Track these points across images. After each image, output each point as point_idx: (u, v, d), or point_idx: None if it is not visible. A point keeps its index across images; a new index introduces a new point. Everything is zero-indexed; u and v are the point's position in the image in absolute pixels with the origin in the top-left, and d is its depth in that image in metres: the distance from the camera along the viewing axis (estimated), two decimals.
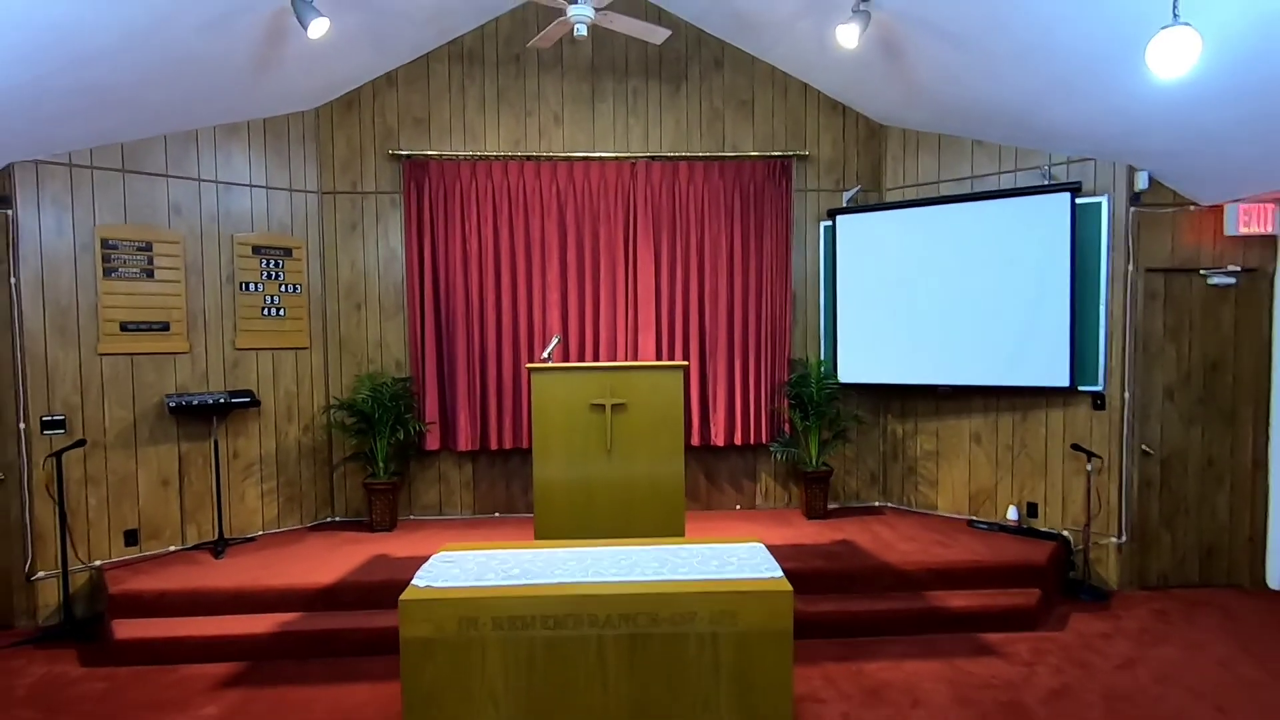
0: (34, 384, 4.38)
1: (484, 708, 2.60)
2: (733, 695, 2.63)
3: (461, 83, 5.53)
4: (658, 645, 2.63)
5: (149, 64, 4.01)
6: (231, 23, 4.04)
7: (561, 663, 2.61)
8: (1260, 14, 3.05)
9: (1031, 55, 4.05)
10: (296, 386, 5.41)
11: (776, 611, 2.65)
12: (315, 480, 5.52)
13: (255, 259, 5.18)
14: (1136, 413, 4.81)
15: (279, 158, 5.30)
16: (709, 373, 5.62)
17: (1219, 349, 4.85)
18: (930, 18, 4.15)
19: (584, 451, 4.00)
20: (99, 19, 3.48)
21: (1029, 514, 5.18)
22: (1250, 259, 4.77)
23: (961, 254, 5.18)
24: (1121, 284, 4.76)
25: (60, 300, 4.46)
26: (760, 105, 5.68)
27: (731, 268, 5.62)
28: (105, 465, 4.63)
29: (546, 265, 5.53)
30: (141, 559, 4.70)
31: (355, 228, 5.55)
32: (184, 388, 4.91)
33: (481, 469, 5.68)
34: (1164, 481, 4.87)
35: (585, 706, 2.62)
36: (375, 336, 5.60)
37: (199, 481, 4.99)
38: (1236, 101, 3.67)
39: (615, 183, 5.55)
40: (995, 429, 5.32)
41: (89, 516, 4.57)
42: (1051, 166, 4.98)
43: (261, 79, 4.74)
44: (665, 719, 2.63)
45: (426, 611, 2.60)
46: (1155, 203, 4.74)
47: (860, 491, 5.89)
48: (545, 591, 2.65)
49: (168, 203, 4.85)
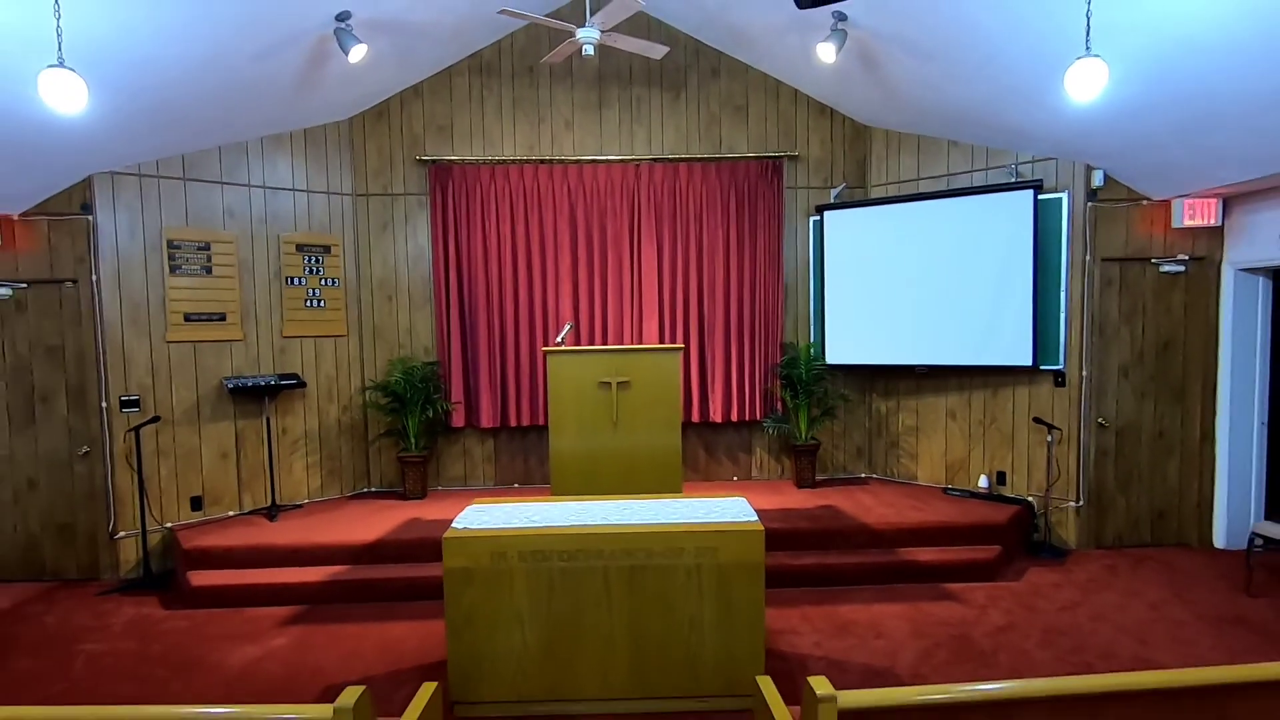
0: (112, 368, 5.01)
1: (512, 625, 3.19)
2: (714, 615, 3.20)
3: (480, 93, 6.08)
4: (653, 575, 3.20)
5: (210, 87, 4.60)
6: (281, 50, 4.61)
7: (574, 588, 3.19)
8: (1166, 37, 3.54)
9: (991, 65, 4.53)
10: (336, 370, 6.02)
11: (751, 547, 3.21)
12: (353, 454, 6.14)
13: (298, 256, 5.78)
14: (1094, 389, 5.31)
15: (318, 164, 5.88)
16: (707, 355, 6.17)
17: (1169, 331, 5.32)
18: (900, 34, 4.65)
19: (593, 424, 4.58)
20: (173, 53, 4.07)
21: (998, 482, 5.70)
22: (1198, 248, 5.23)
23: (938, 246, 5.68)
24: (1080, 272, 5.24)
25: (134, 294, 5.09)
26: (754, 110, 6.19)
27: (728, 260, 6.15)
28: (174, 440, 5.26)
29: (559, 259, 6.09)
30: (206, 522, 5.34)
31: (386, 227, 6.13)
32: (239, 371, 5.53)
33: (502, 444, 6.28)
34: (1119, 451, 5.37)
35: (594, 624, 3.20)
36: (405, 324, 6.19)
37: (253, 454, 5.62)
38: (1164, 111, 4.15)
39: (621, 183, 6.09)
40: (968, 405, 5.84)
41: (160, 484, 5.21)
42: (1018, 165, 5.46)
43: (303, 95, 5.32)
44: (659, 634, 3.21)
45: (464, 547, 3.18)
46: (1110, 198, 5.21)
47: (847, 464, 6.43)
48: (561, 531, 3.23)
49: (222, 206, 5.45)
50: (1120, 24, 3.60)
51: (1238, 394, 5.24)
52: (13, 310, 4.98)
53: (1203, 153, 4.46)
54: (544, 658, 3.20)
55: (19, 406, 5.03)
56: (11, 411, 5.03)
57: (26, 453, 5.05)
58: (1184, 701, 1.95)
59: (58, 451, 5.06)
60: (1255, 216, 4.98)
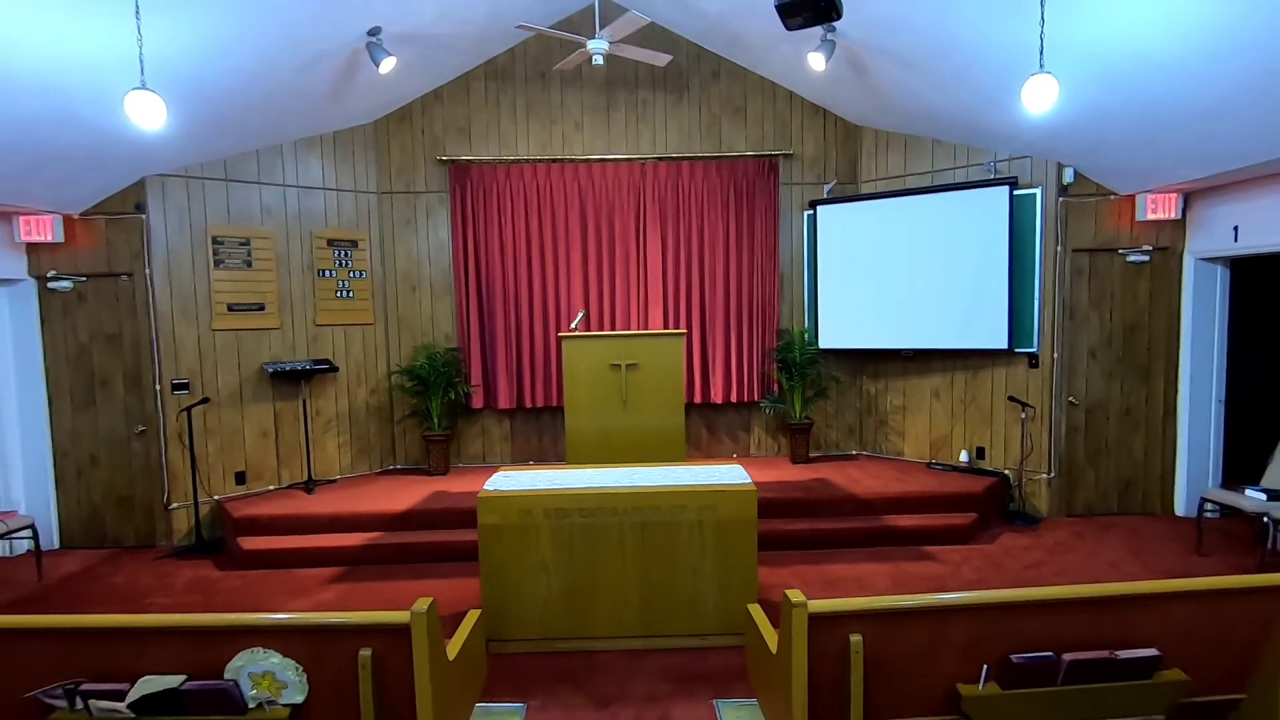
0: (164, 354, 5.49)
1: (538, 573, 3.67)
2: (713, 564, 3.68)
3: (496, 97, 6.51)
4: (660, 530, 3.68)
5: (254, 97, 5.05)
6: (319, 63, 5.05)
7: (592, 542, 3.67)
8: (1118, 52, 3.97)
9: (966, 74, 4.95)
10: (364, 356, 6.49)
11: (745, 505, 3.68)
12: (380, 434, 6.62)
13: (329, 250, 6.24)
14: (1065, 370, 5.75)
15: (346, 165, 6.33)
16: (708, 340, 6.63)
17: (1135, 315, 5.76)
18: (884, 46, 5.07)
19: (605, 402, 5.04)
20: (225, 67, 4.52)
21: (978, 456, 6.16)
22: (1162, 239, 5.66)
23: (923, 238, 6.11)
24: (1052, 262, 5.68)
25: (182, 286, 5.55)
26: (752, 111, 6.61)
27: (727, 252, 6.59)
28: (219, 419, 5.75)
29: (570, 251, 6.54)
30: (249, 495, 5.83)
31: (409, 222, 6.59)
32: (277, 357, 6.01)
33: (518, 424, 6.76)
34: (1088, 427, 5.82)
35: (609, 572, 3.68)
36: (428, 313, 6.66)
37: (290, 433, 6.10)
38: (1122, 115, 4.58)
39: (627, 181, 6.53)
40: (951, 385, 6.29)
41: (208, 460, 5.70)
42: (996, 163, 5.89)
43: (334, 102, 5.76)
44: (666, 581, 3.69)
45: (496, 506, 3.66)
46: (1080, 193, 5.64)
47: (839, 442, 6.89)
48: (580, 492, 3.70)
49: (260, 205, 5.91)
50: (1076, 40, 4.02)
51: (1197, 374, 5.69)
52: (74, 301, 5.45)
53: (1161, 153, 4.89)
54: (565, 601, 3.69)
55: (81, 389, 5.51)
56: (74, 394, 5.51)
57: (88, 431, 5.54)
58: (1091, 609, 2.42)
59: (116, 430, 5.55)
60: (1213, 211, 5.40)
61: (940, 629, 2.39)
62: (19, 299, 5.38)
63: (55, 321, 5.46)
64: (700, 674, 3.49)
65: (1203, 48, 3.72)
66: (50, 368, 5.48)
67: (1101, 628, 2.45)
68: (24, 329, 5.41)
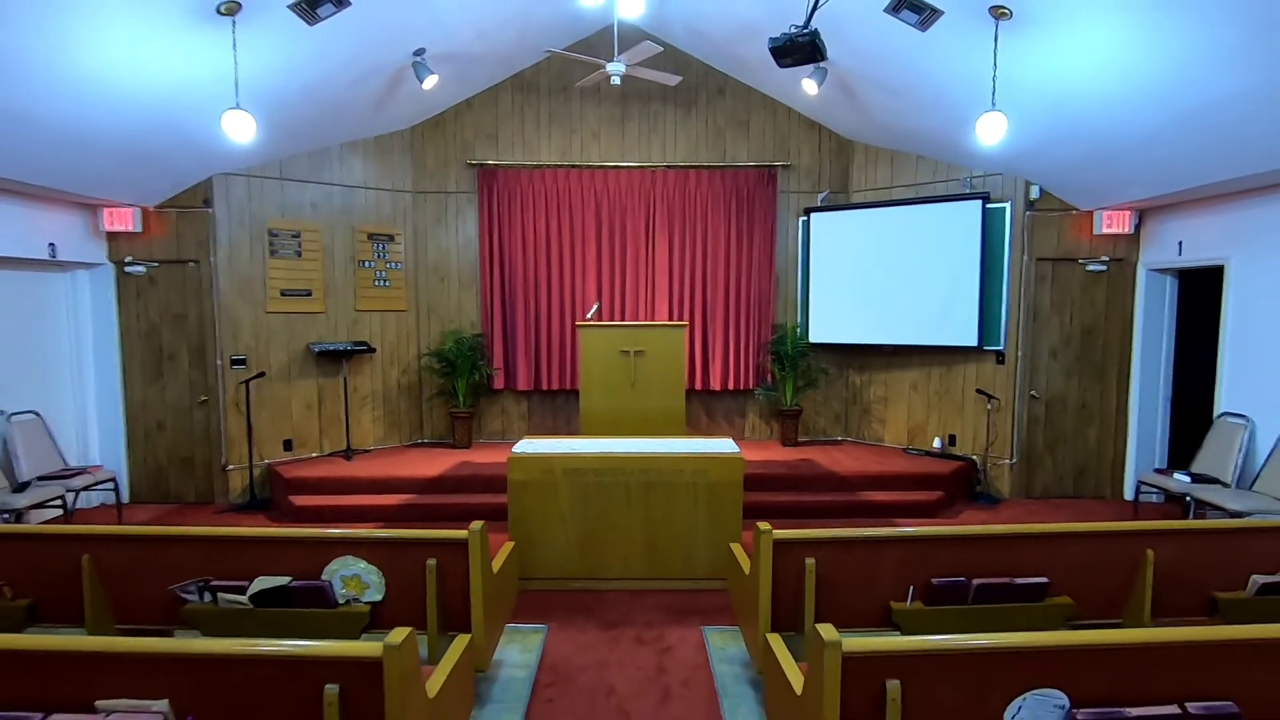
0: (225, 333, 6.19)
1: (557, 523, 4.36)
2: (705, 520, 4.35)
3: (522, 108, 7.18)
4: (660, 489, 4.35)
5: (312, 107, 5.73)
6: (369, 78, 5.73)
7: (603, 496, 4.35)
8: (1065, 90, 4.62)
9: (941, 102, 5.59)
10: (397, 339, 7.18)
11: (733, 470, 4.36)
12: (410, 410, 7.32)
13: (369, 243, 6.93)
14: (1028, 366, 6.40)
15: (385, 166, 7.01)
16: (709, 333, 7.30)
17: (1093, 319, 6.40)
18: (869, 74, 5.72)
19: (615, 385, 5.72)
20: (294, 84, 5.19)
21: (950, 443, 6.82)
22: (1118, 251, 6.30)
23: (905, 244, 6.76)
24: (1019, 269, 6.32)
25: (242, 273, 6.25)
26: (754, 124, 7.26)
27: (728, 253, 7.26)
28: (271, 392, 6.45)
29: (585, 248, 7.21)
30: (295, 460, 6.54)
31: (440, 219, 7.27)
32: (321, 338, 6.70)
33: (535, 404, 7.45)
34: (1047, 419, 6.48)
35: (617, 523, 4.36)
36: (455, 302, 7.34)
37: (331, 407, 6.80)
38: (1074, 143, 5.23)
39: (639, 186, 7.19)
40: (928, 379, 6.95)
41: (260, 428, 6.40)
42: (971, 179, 6.53)
43: (378, 110, 6.43)
44: (666, 531, 4.37)
45: (523, 464, 4.34)
46: (1045, 208, 6.28)
47: (826, 428, 7.56)
48: (594, 455, 4.38)
49: (309, 201, 6.59)
50: (1030, 78, 4.66)
51: (1147, 373, 6.33)
52: (147, 284, 6.15)
53: (1110, 176, 5.53)
54: (580, 547, 4.38)
55: (150, 363, 6.22)
56: (144, 367, 6.22)
57: (156, 400, 6.25)
58: (1026, 542, 3.08)
59: (181, 399, 6.26)
60: (1163, 227, 6.04)
61: (877, 557, 3.07)
62: (99, 281, 6.08)
63: (130, 302, 6.16)
64: (692, 609, 4.17)
65: (1138, 88, 4.35)
66: (125, 343, 6.18)
67: (1004, 560, 3.12)
68: (102, 308, 6.11)
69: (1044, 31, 4.22)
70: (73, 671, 2.03)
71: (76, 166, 5.02)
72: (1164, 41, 3.87)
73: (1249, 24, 3.47)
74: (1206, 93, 4.08)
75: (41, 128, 4.34)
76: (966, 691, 2.04)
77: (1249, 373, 5.24)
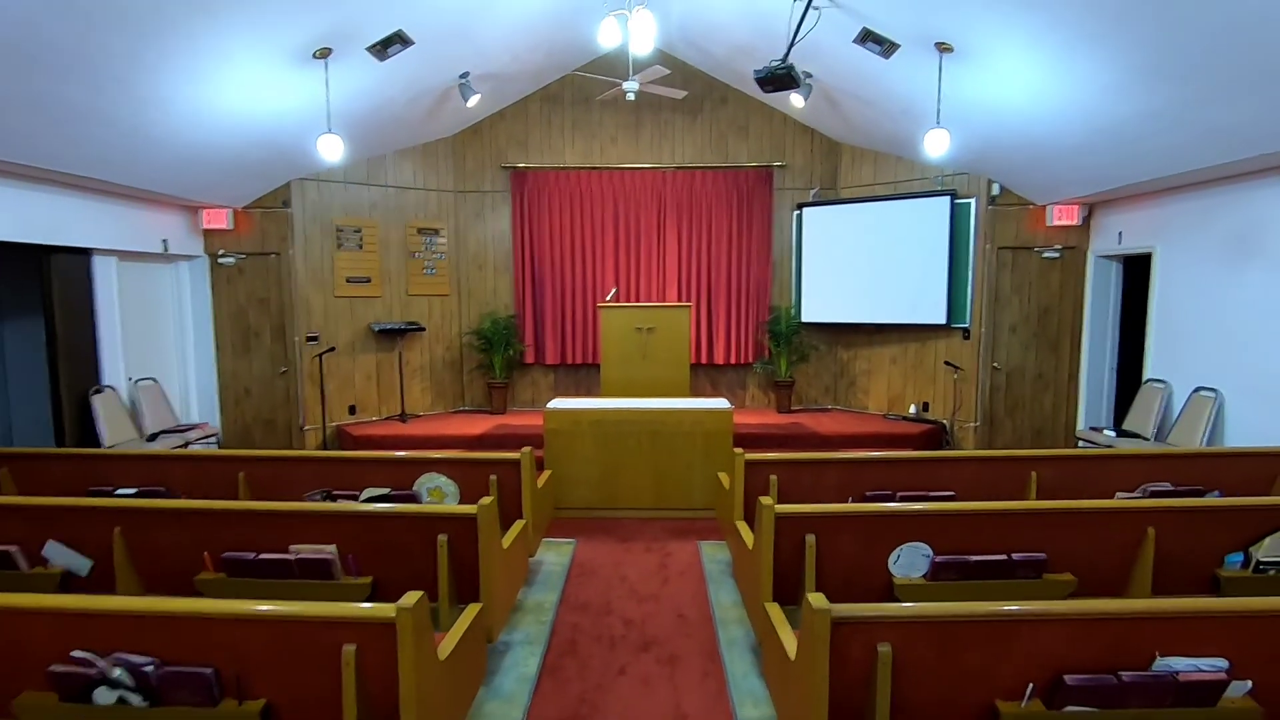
0: (300, 314, 7.32)
1: (584, 463, 5.43)
2: (701, 461, 5.39)
3: (548, 117, 8.20)
4: (666, 437, 5.40)
5: (377, 122, 6.81)
6: (422, 97, 6.79)
7: (620, 443, 5.41)
8: (1003, 107, 5.56)
9: (908, 113, 6.52)
10: (442, 320, 8.29)
11: (724, 421, 5.39)
12: (453, 382, 8.44)
13: (419, 237, 8.02)
14: (990, 341, 7.34)
15: (431, 169, 8.08)
16: (713, 313, 8.31)
17: (1048, 300, 7.32)
18: (846, 89, 6.66)
19: (630, 357, 6.77)
20: (362, 105, 6.27)
21: (924, 409, 7.80)
22: (1070, 240, 7.20)
23: (884, 235, 7.71)
24: (982, 256, 7.25)
25: (314, 263, 7.37)
26: (753, 129, 8.22)
27: (729, 243, 8.25)
28: (337, 365, 7.59)
29: (604, 240, 8.25)
30: (359, 422, 7.68)
31: (479, 215, 8.34)
32: (379, 319, 7.82)
33: (561, 376, 8.53)
34: (1008, 387, 7.43)
35: (631, 464, 5.42)
36: (491, 287, 8.43)
37: (386, 378, 7.93)
38: (1017, 150, 6.15)
39: (651, 185, 8.20)
40: (904, 353, 7.92)
41: (329, 395, 7.54)
42: (942, 177, 7.45)
43: (426, 122, 7.50)
44: (669, 472, 5.41)
45: (556, 416, 5.41)
46: (1005, 203, 7.19)
47: (817, 398, 8.56)
48: (612, 410, 5.43)
49: (368, 201, 7.69)
50: (974, 97, 5.59)
51: (1095, 346, 7.24)
52: (236, 273, 7.30)
53: (1052, 176, 6.44)
54: (601, 483, 5.45)
55: (239, 339, 7.38)
56: (234, 343, 7.38)
57: (244, 371, 7.41)
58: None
59: (264, 370, 7.42)
60: (1107, 220, 6.93)
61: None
62: (197, 270, 7.23)
63: (222, 288, 7.32)
64: (690, 531, 5.23)
65: (1060, 108, 5.26)
66: (218, 323, 7.34)
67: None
68: (200, 293, 7.27)
69: (978, 62, 5.16)
70: (277, 526, 3.13)
71: (187, 177, 6.14)
72: (1075, 73, 4.79)
73: (1134, 63, 4.37)
74: (1113, 113, 4.99)
75: (171, 148, 5.46)
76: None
77: (1169, 345, 6.15)
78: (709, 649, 3.51)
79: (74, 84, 4.21)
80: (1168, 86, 4.36)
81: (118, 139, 5.02)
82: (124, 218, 6.13)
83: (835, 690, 2.17)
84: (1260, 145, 4.45)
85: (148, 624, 2.23)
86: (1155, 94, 4.51)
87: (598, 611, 3.93)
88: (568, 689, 3.16)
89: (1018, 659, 2.18)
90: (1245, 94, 4.06)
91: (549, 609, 3.96)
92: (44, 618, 2.25)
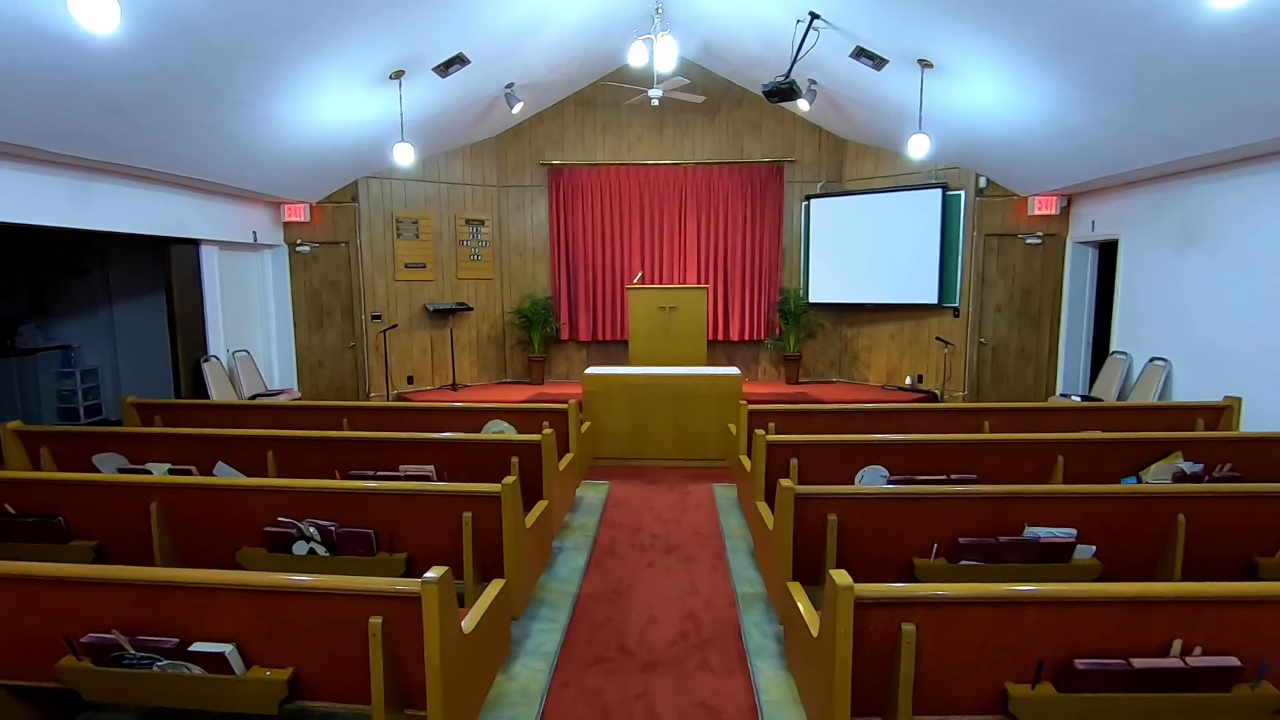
0: (366, 295, 8.38)
1: (616, 419, 6.42)
2: (715, 419, 6.35)
3: (582, 119, 9.14)
4: (685, 398, 6.37)
5: (434, 128, 7.81)
6: (473, 105, 7.77)
7: (646, 403, 6.39)
8: (978, 113, 6.39)
9: (902, 116, 7.35)
10: (487, 301, 9.31)
11: (735, 385, 6.34)
12: (496, 356, 9.48)
13: (467, 227, 9.04)
14: (978, 319, 8.18)
15: (477, 167, 9.07)
16: (729, 294, 9.24)
17: (1030, 282, 8.13)
18: (847, 95, 7.51)
19: (654, 334, 7.74)
20: (422, 115, 7.26)
21: (918, 381, 8.67)
22: (1051, 228, 8.00)
23: (884, 223, 8.56)
24: (971, 243, 8.08)
25: (378, 251, 8.42)
26: (766, 128, 9.09)
27: (744, 231, 9.15)
28: (398, 340, 8.65)
29: (631, 228, 9.19)
30: (416, 391, 8.76)
31: (520, 208, 9.33)
32: (433, 300, 8.87)
33: (592, 352, 9.53)
34: (994, 360, 8.27)
35: (656, 421, 6.39)
36: (530, 271, 9.43)
37: (439, 352, 8.99)
38: (997, 148, 6.97)
39: (673, 179, 9.12)
40: (901, 330, 8.78)
41: (391, 367, 8.62)
42: (935, 170, 8.27)
43: (475, 125, 8.48)
44: (689, 427, 6.38)
45: (594, 381, 6.41)
46: (992, 194, 8.00)
47: (824, 371, 9.47)
48: (641, 375, 6.41)
49: (423, 195, 8.71)
50: (955, 105, 6.42)
51: (1073, 323, 8.05)
52: (311, 260, 8.37)
53: (1028, 171, 7.25)
54: (631, 436, 6.44)
55: (314, 318, 8.47)
56: (309, 320, 8.47)
57: (318, 345, 8.51)
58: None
59: (335, 345, 8.51)
60: (1084, 209, 7.72)
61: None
62: (278, 258, 8.32)
63: (299, 273, 8.40)
64: (705, 476, 6.20)
65: (1029, 115, 6.07)
66: (295, 303, 8.43)
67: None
68: (280, 278, 8.36)
69: (956, 76, 5.99)
70: (389, 451, 4.16)
71: (276, 178, 7.19)
72: (1036, 88, 5.60)
73: (1080, 81, 5.18)
74: (1070, 121, 5.81)
75: (270, 155, 6.51)
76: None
77: (1131, 321, 6.96)
78: (718, 553, 4.49)
79: (211, 110, 5.25)
80: (1108, 100, 5.19)
81: (233, 150, 6.07)
82: (224, 213, 7.21)
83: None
84: (1185, 149, 5.26)
85: (328, 499, 3.27)
86: (1100, 106, 5.33)
87: (630, 529, 4.93)
88: (609, 574, 4.17)
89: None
90: (1167, 107, 4.89)
91: (591, 528, 4.97)
92: (259, 494, 3.30)
